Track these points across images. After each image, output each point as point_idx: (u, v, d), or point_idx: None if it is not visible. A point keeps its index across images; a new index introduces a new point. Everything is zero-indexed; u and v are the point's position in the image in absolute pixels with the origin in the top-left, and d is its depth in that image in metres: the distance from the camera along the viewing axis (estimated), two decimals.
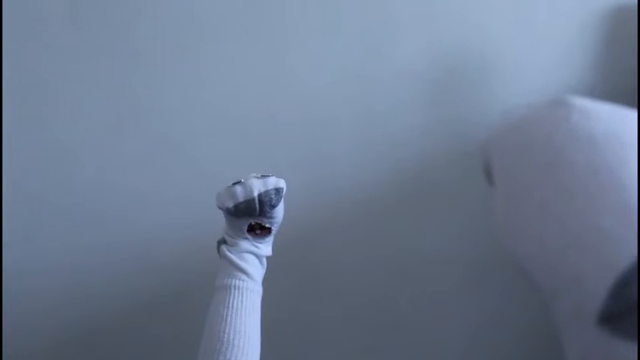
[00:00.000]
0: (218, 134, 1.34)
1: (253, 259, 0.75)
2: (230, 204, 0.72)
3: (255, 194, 0.72)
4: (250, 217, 0.74)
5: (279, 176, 0.76)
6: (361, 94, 1.34)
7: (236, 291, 0.71)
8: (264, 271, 0.77)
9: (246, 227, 0.75)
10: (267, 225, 0.76)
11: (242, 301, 0.70)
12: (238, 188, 0.73)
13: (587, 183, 0.45)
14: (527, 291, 1.40)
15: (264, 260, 0.77)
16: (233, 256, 0.73)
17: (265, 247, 0.77)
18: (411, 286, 1.47)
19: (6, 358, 1.39)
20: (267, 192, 0.73)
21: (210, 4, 1.28)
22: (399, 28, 1.32)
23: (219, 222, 0.80)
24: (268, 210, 0.73)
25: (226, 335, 0.67)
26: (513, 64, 1.35)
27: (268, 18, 1.29)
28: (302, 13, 1.30)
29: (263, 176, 0.75)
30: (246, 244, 0.75)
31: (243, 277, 0.72)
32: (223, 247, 0.75)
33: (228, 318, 0.68)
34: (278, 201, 0.74)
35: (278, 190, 0.74)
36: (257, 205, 0.72)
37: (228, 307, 0.69)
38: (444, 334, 1.50)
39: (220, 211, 0.77)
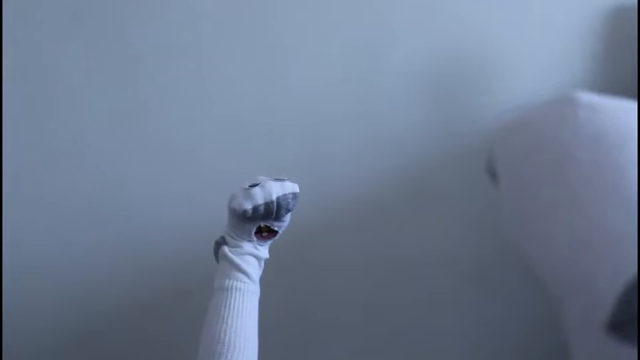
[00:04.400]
0: (218, 134, 1.34)
1: (254, 260, 0.75)
2: (248, 206, 0.71)
3: (274, 197, 0.72)
4: (263, 220, 0.74)
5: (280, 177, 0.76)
6: (361, 95, 1.34)
7: (237, 292, 0.71)
8: (261, 273, 0.77)
9: (254, 230, 0.74)
10: (276, 228, 0.76)
11: (242, 303, 0.70)
12: (257, 190, 0.72)
13: (595, 182, 0.44)
14: (528, 293, 1.40)
15: (263, 262, 0.77)
16: (235, 258, 0.73)
17: (264, 250, 0.77)
18: (411, 287, 1.46)
19: (6, 358, 1.39)
20: (284, 196, 0.73)
21: (211, 7, 1.27)
22: (399, 28, 1.32)
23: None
24: (284, 214, 0.74)
25: (227, 337, 0.66)
26: (513, 64, 1.35)
27: (268, 19, 1.29)
28: (302, 14, 1.30)
29: (278, 179, 0.74)
30: (248, 246, 0.74)
31: (245, 278, 0.72)
32: (225, 248, 0.74)
33: (229, 319, 0.68)
34: (294, 206, 0.74)
35: (295, 195, 0.74)
36: (275, 209, 0.72)
37: (228, 309, 0.69)
38: (444, 336, 1.50)
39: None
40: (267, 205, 0.72)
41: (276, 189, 0.73)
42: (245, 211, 0.71)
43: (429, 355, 1.50)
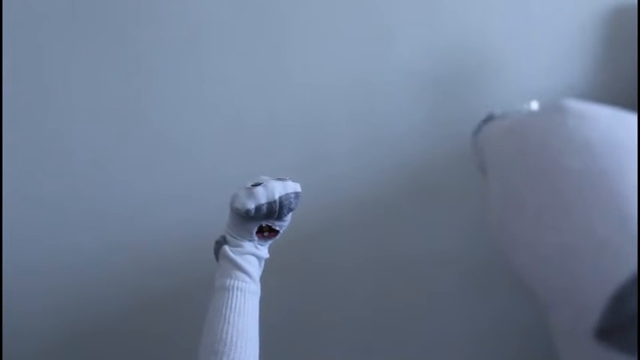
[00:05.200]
0: (218, 135, 1.34)
1: (254, 260, 0.75)
2: (251, 205, 0.71)
3: (277, 197, 0.72)
4: (265, 219, 0.74)
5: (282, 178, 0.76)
6: (361, 95, 1.34)
7: (239, 292, 0.70)
8: (261, 272, 0.77)
9: (256, 229, 0.74)
10: (277, 228, 0.76)
11: (244, 303, 0.70)
12: (260, 190, 0.72)
13: (583, 191, 0.43)
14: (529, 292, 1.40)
15: (263, 262, 0.77)
16: (236, 257, 0.73)
17: (265, 249, 0.77)
18: (411, 286, 1.46)
19: (6, 358, 1.39)
20: (287, 195, 0.73)
21: (211, 7, 1.27)
22: (399, 28, 1.32)
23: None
24: (285, 213, 0.74)
25: (229, 336, 0.66)
26: (513, 64, 1.35)
27: (268, 19, 1.29)
28: (301, 14, 1.30)
29: (280, 179, 0.74)
30: (249, 246, 0.74)
31: (246, 278, 0.72)
32: (226, 248, 0.74)
33: (231, 319, 0.68)
34: (296, 205, 0.74)
35: (297, 195, 0.74)
36: (277, 208, 0.72)
37: (230, 308, 0.69)
38: (444, 335, 1.50)
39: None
40: (270, 204, 0.72)
41: (279, 188, 0.73)
42: (248, 211, 0.71)
43: (429, 354, 1.51)
